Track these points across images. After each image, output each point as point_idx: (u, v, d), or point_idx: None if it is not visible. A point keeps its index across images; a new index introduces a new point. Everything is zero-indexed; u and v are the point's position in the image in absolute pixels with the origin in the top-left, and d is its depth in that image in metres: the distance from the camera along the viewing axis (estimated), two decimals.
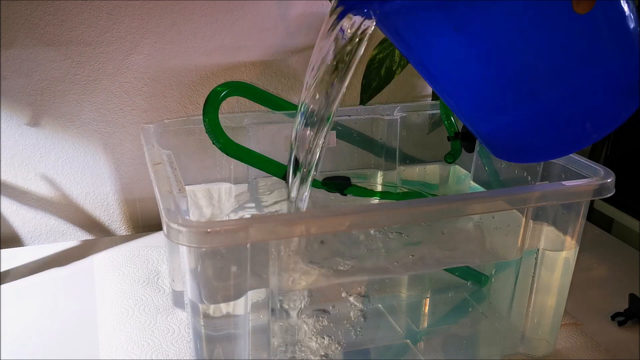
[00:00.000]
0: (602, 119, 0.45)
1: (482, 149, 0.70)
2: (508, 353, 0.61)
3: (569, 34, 0.42)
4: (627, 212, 0.87)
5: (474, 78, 0.46)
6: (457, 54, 0.45)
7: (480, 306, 0.65)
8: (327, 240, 0.53)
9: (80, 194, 0.84)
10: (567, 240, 0.56)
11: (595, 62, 0.43)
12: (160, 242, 0.79)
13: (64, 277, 0.72)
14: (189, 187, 0.64)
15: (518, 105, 0.45)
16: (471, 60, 0.45)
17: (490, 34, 0.43)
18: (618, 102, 0.44)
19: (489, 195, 0.56)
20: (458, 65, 0.46)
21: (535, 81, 0.44)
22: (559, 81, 0.43)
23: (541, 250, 0.57)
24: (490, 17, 0.42)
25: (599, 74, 0.43)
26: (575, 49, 0.43)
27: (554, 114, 0.45)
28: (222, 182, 0.69)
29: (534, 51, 0.43)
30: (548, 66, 0.43)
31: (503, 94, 0.45)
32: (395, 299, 0.65)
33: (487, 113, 0.48)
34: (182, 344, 0.61)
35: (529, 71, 0.44)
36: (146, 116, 0.83)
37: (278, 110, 0.68)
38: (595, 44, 0.43)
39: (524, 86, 0.44)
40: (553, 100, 0.44)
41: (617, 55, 0.43)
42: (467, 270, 0.65)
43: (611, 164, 0.90)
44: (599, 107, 0.45)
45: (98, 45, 0.77)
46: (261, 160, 0.64)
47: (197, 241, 0.43)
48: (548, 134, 0.46)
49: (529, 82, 0.44)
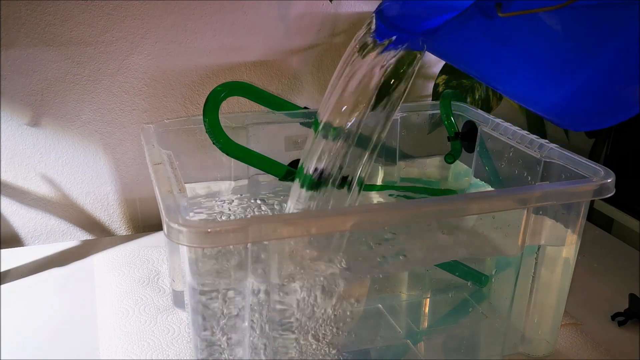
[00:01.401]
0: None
1: (482, 149, 0.70)
2: (508, 353, 0.62)
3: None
4: (627, 212, 0.87)
5: (532, 62, 0.47)
6: (508, 58, 0.48)
7: (480, 306, 0.65)
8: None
9: (80, 194, 0.84)
10: (567, 240, 0.56)
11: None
12: (160, 242, 0.79)
13: (64, 277, 0.72)
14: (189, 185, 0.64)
15: (577, 71, 0.46)
16: (522, 52, 0.46)
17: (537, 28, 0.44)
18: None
19: (489, 195, 0.56)
20: (511, 64, 0.48)
21: (590, 44, 0.45)
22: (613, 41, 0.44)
23: (541, 249, 0.57)
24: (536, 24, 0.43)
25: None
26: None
27: (611, 75, 0.46)
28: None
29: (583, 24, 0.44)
30: (595, 32, 0.44)
31: (562, 65, 0.47)
32: (395, 299, 0.65)
33: (551, 85, 0.49)
34: (182, 344, 0.61)
35: (582, 36, 0.45)
36: (146, 116, 0.83)
37: (278, 110, 0.68)
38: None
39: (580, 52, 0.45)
40: (608, 62, 0.45)
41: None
42: (467, 270, 0.65)
43: (611, 164, 0.90)
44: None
45: (98, 45, 0.77)
46: (261, 160, 0.64)
47: (197, 241, 0.43)
48: (609, 95, 0.48)
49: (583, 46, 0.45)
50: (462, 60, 0.54)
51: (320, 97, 0.90)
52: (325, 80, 0.90)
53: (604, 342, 0.64)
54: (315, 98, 0.90)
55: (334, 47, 0.88)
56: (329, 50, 0.88)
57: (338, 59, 0.89)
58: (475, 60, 0.51)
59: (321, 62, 0.88)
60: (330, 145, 0.56)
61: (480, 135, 0.70)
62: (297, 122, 0.69)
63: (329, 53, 0.88)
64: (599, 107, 0.50)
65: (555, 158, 0.60)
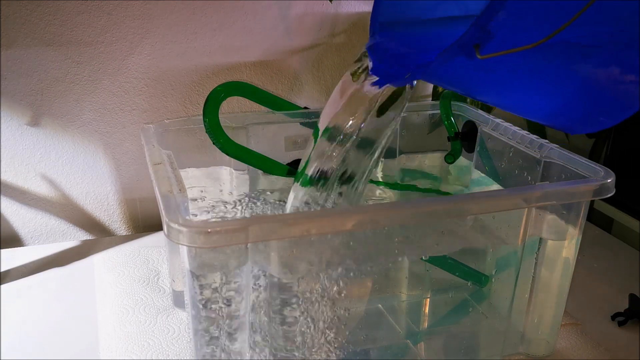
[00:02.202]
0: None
1: (482, 149, 0.70)
2: (508, 353, 0.62)
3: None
4: (627, 212, 0.87)
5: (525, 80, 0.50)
6: (496, 82, 0.50)
7: (480, 306, 0.65)
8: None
9: (80, 194, 0.84)
10: (566, 239, 0.56)
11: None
12: (160, 242, 0.79)
13: (64, 277, 0.72)
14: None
15: (564, 84, 0.49)
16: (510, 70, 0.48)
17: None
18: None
19: (489, 195, 0.56)
20: (499, 87, 0.51)
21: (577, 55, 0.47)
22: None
23: (541, 249, 0.57)
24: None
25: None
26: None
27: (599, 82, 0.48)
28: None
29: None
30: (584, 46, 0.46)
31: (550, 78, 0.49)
32: (395, 299, 0.65)
33: (541, 100, 0.52)
34: (182, 344, 0.61)
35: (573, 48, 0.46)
36: (146, 116, 0.83)
37: (278, 110, 0.68)
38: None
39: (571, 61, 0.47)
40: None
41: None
42: (467, 270, 0.65)
43: (611, 164, 0.90)
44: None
45: (98, 45, 0.77)
46: (261, 160, 0.64)
47: (197, 241, 0.43)
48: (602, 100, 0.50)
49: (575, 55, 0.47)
50: (453, 85, 0.58)
51: (321, 97, 0.91)
52: (326, 80, 0.90)
53: (604, 342, 0.64)
54: (315, 98, 0.90)
55: (334, 47, 0.88)
56: (329, 50, 0.88)
57: (338, 59, 0.89)
58: (465, 85, 0.54)
59: (321, 62, 0.88)
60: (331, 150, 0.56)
61: (480, 135, 0.70)
62: (297, 122, 0.69)
63: (329, 53, 0.88)
64: (593, 111, 0.51)
65: (555, 158, 0.60)
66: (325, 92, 0.90)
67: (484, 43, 0.43)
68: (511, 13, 0.42)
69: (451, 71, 0.49)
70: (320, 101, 0.90)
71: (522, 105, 0.55)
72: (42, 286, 0.70)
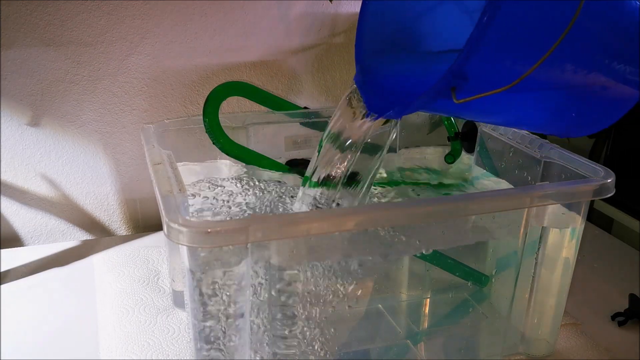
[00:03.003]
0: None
1: (482, 149, 0.70)
2: (508, 353, 0.61)
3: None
4: (627, 212, 0.87)
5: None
6: (480, 110, 0.51)
7: (480, 306, 0.65)
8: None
9: (80, 194, 0.84)
10: (566, 239, 0.56)
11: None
12: (160, 242, 0.79)
13: (64, 277, 0.72)
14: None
15: (551, 99, 0.50)
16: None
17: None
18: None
19: (489, 195, 0.56)
20: (484, 113, 0.53)
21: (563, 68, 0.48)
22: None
23: (541, 249, 0.57)
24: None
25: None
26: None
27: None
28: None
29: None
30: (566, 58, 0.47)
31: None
32: (395, 299, 0.65)
33: (531, 116, 0.53)
34: (182, 344, 0.61)
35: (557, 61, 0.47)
36: (146, 116, 0.83)
37: (278, 110, 0.68)
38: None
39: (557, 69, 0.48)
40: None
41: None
42: (467, 270, 0.65)
43: (611, 164, 0.90)
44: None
45: (98, 45, 0.77)
46: (261, 160, 0.64)
47: (197, 241, 0.43)
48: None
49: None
50: (443, 114, 0.64)
51: (320, 97, 0.91)
52: (326, 80, 0.90)
53: (604, 342, 0.64)
54: (315, 98, 0.90)
55: (334, 47, 0.88)
56: (329, 50, 0.88)
57: (338, 59, 0.89)
58: (454, 114, 0.59)
59: (321, 62, 0.88)
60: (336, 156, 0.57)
61: (480, 135, 0.70)
62: (297, 122, 0.69)
63: (329, 53, 0.88)
64: (586, 114, 0.52)
65: (555, 158, 0.60)
66: (325, 92, 0.90)
67: (460, 86, 0.43)
68: (484, 57, 0.43)
69: (436, 106, 0.50)
70: (320, 101, 0.91)
71: (512, 122, 0.57)
72: (42, 286, 0.70)
